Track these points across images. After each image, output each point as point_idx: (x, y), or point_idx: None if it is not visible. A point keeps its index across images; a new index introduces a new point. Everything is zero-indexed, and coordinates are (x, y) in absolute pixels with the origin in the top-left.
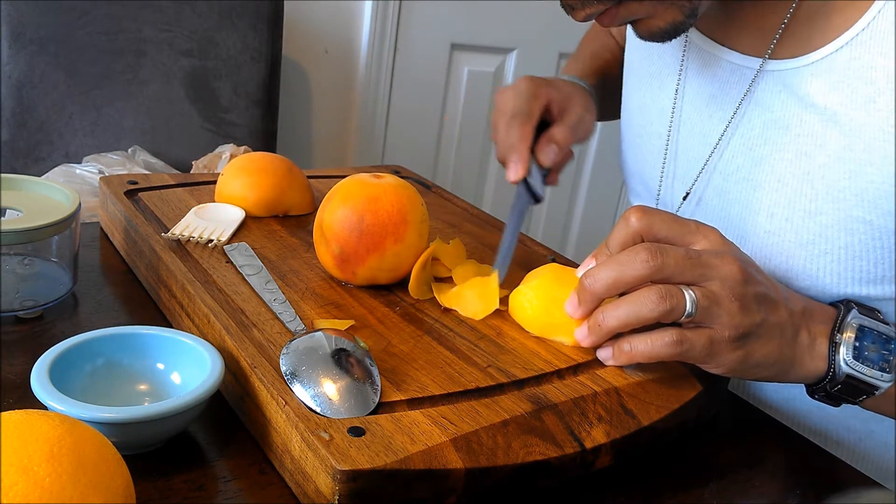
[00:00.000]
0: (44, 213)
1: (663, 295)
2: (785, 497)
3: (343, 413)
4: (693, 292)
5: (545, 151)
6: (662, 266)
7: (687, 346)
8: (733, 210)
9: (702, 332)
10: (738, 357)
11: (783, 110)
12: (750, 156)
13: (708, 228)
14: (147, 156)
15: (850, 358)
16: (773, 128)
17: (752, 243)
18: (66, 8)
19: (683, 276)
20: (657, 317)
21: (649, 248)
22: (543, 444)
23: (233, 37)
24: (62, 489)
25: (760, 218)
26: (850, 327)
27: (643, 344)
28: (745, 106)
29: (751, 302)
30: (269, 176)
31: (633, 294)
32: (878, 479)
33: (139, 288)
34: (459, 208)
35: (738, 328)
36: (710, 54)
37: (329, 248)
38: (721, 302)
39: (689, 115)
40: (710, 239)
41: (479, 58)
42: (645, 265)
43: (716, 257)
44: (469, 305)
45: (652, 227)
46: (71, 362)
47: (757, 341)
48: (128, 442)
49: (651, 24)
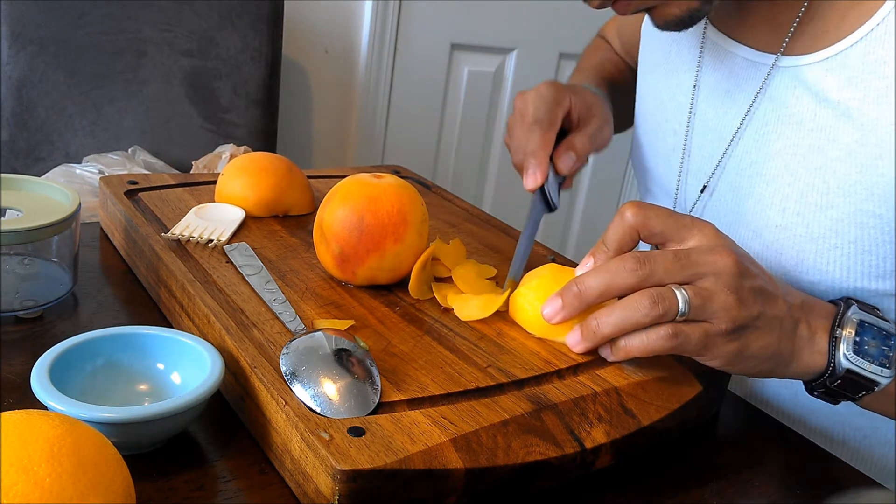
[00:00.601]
0: (44, 213)
1: (655, 300)
2: (785, 497)
3: (343, 413)
4: (686, 292)
5: (564, 160)
6: (651, 273)
7: (682, 340)
8: (746, 205)
9: (697, 326)
10: (734, 349)
11: (797, 105)
12: (763, 151)
13: (703, 223)
14: (147, 156)
15: (851, 353)
16: (786, 122)
17: (763, 237)
18: (66, 8)
19: (674, 279)
20: (650, 321)
21: (637, 256)
22: (543, 444)
23: (233, 37)
24: (62, 489)
25: (772, 212)
26: (851, 322)
27: (638, 339)
28: (759, 101)
29: (747, 294)
30: (269, 176)
31: (625, 300)
32: (881, 477)
33: (139, 288)
34: (459, 208)
35: (735, 321)
36: (726, 50)
37: (329, 248)
38: (715, 297)
39: (703, 110)
40: (704, 233)
41: (479, 58)
42: (633, 274)
43: (708, 253)
44: (471, 310)
45: (647, 222)
46: (71, 362)
47: (753, 333)
48: (128, 442)
49: (666, 12)
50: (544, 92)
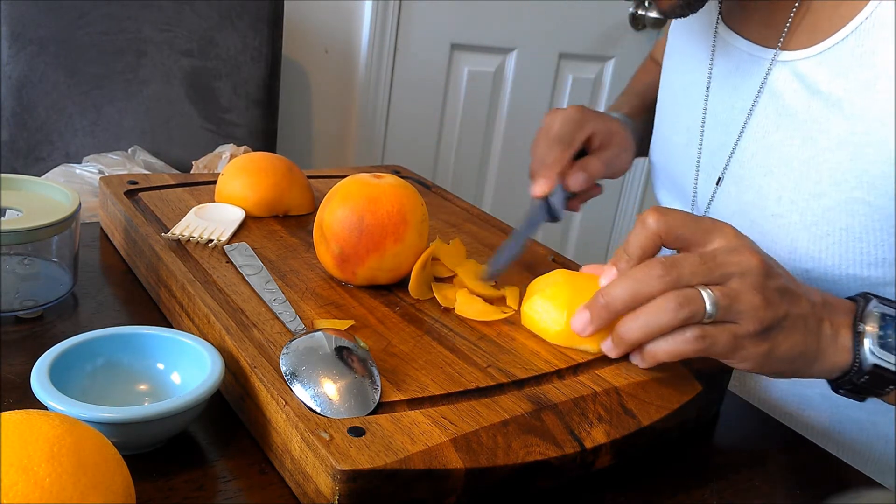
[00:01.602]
0: (44, 213)
1: (682, 302)
2: (785, 497)
3: (343, 413)
4: (713, 292)
5: (574, 176)
6: (679, 278)
7: (709, 342)
8: (747, 196)
9: (724, 328)
10: (764, 350)
11: (793, 98)
12: (762, 143)
13: (723, 224)
14: (147, 156)
15: (877, 347)
16: (783, 115)
17: (760, 226)
18: (66, 8)
19: (702, 281)
20: (678, 324)
21: (663, 262)
22: (543, 444)
23: (233, 37)
24: (62, 489)
25: (769, 202)
26: (873, 317)
27: (665, 343)
28: (760, 95)
29: (773, 294)
30: (269, 176)
31: (651, 304)
32: (879, 472)
33: (139, 288)
34: (459, 208)
35: (763, 321)
36: (733, 46)
37: (329, 248)
38: (742, 297)
39: (713, 105)
40: (725, 235)
41: (479, 58)
42: (661, 280)
43: (732, 254)
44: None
45: (671, 228)
46: (71, 362)
47: (781, 333)
48: (128, 442)
49: None
50: (572, 114)
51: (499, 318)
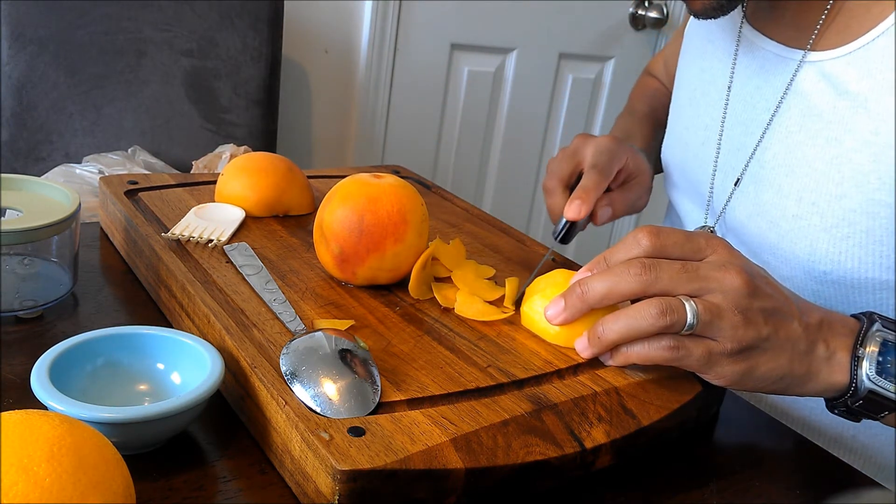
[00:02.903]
0: (44, 213)
1: (663, 310)
2: (785, 497)
3: (343, 413)
4: (695, 304)
5: (602, 212)
6: (656, 280)
7: (683, 353)
8: (766, 196)
9: (701, 342)
10: (740, 370)
11: (819, 98)
12: (785, 143)
13: (717, 241)
14: (147, 156)
15: (874, 373)
16: (808, 115)
17: (780, 227)
18: (66, 8)
19: (679, 289)
20: (656, 331)
21: (643, 262)
22: (543, 444)
23: (233, 37)
24: (62, 489)
25: (789, 202)
26: (874, 341)
27: (640, 346)
28: (786, 95)
29: (756, 315)
30: (269, 176)
31: (633, 307)
32: (878, 472)
33: (139, 288)
34: (459, 208)
35: (741, 341)
36: (759, 46)
37: (329, 248)
38: (724, 314)
39: (734, 105)
40: (717, 252)
41: (479, 58)
42: (637, 279)
43: (718, 269)
44: (472, 311)
45: (665, 249)
46: (71, 362)
47: (762, 355)
48: (128, 442)
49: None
50: (609, 145)
51: (499, 318)
